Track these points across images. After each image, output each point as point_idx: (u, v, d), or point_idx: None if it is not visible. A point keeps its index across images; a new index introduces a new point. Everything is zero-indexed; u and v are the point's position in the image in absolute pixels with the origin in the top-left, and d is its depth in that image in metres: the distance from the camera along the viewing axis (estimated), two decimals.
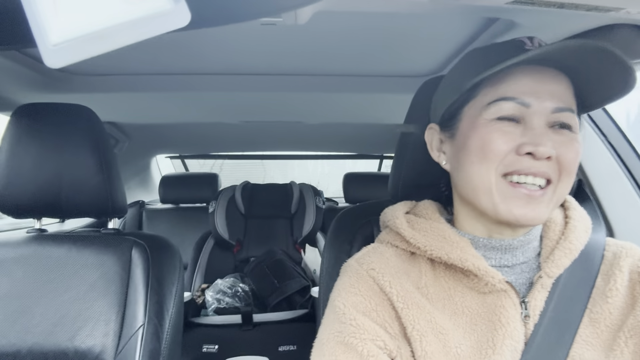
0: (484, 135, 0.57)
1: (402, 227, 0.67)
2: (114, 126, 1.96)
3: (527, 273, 0.63)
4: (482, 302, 0.60)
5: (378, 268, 0.63)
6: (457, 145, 0.62)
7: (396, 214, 0.70)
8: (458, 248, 0.61)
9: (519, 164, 0.55)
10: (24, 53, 1.12)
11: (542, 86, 0.56)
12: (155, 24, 0.24)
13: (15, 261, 1.01)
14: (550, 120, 0.57)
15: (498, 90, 0.58)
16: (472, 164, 0.58)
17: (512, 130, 0.56)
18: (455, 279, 0.62)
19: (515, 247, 0.62)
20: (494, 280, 0.59)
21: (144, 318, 0.96)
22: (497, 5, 0.67)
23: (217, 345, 1.74)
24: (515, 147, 0.56)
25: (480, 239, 0.63)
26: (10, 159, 0.98)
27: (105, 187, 1.02)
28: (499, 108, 0.57)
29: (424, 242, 0.63)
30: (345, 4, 0.71)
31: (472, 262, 0.59)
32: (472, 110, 0.61)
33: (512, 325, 0.58)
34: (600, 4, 0.62)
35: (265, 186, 2.54)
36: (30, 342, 0.95)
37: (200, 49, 1.15)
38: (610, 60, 0.53)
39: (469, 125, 0.60)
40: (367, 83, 1.38)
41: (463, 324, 0.59)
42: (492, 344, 0.57)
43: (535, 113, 0.56)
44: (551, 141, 0.55)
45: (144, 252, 1.02)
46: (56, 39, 0.22)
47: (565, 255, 0.61)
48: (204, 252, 2.22)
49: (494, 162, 0.56)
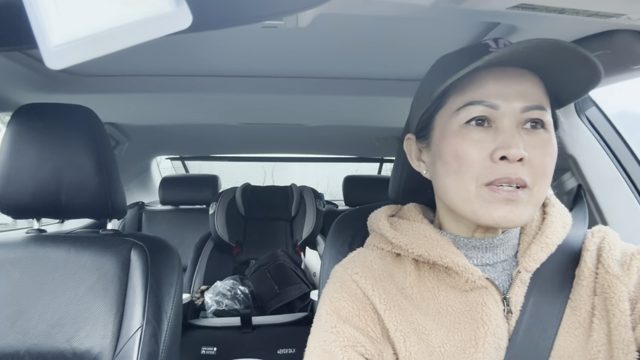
0: (456, 146, 0.57)
1: (384, 229, 0.68)
2: (114, 127, 1.96)
3: (507, 270, 0.63)
4: (465, 301, 0.60)
5: (361, 272, 0.64)
6: (433, 155, 0.63)
7: (379, 216, 0.71)
8: (438, 246, 0.62)
9: (496, 173, 0.55)
10: (26, 54, 1.13)
11: (508, 87, 0.56)
12: (157, 26, 0.24)
13: (13, 262, 1.01)
14: (520, 120, 0.56)
15: (466, 95, 0.58)
16: (448, 174, 0.59)
17: (483, 137, 0.56)
18: (439, 278, 0.63)
19: (496, 246, 0.63)
20: (473, 277, 0.59)
21: (143, 320, 0.96)
22: (498, 10, 0.67)
23: (215, 347, 1.74)
24: (488, 154, 0.55)
25: (461, 238, 0.64)
26: (11, 159, 0.98)
27: (105, 188, 1.02)
28: (468, 112, 0.57)
29: (405, 241, 0.64)
30: (346, 7, 0.71)
31: (451, 258, 0.60)
32: (442, 118, 0.61)
33: (495, 323, 0.58)
34: (601, 9, 0.62)
35: (266, 188, 2.54)
36: (29, 343, 0.95)
37: (202, 51, 1.15)
38: (571, 55, 0.52)
39: (441, 134, 0.61)
40: (368, 86, 1.38)
41: (447, 323, 0.60)
42: (475, 342, 0.57)
43: (504, 115, 0.56)
44: (523, 143, 0.55)
45: (143, 253, 1.02)
46: (57, 41, 0.22)
47: (541, 249, 0.61)
48: (203, 254, 2.21)
49: (470, 172, 0.56)
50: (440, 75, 0.61)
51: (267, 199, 2.46)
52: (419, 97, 0.67)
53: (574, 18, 0.66)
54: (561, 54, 0.53)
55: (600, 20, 0.66)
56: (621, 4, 0.61)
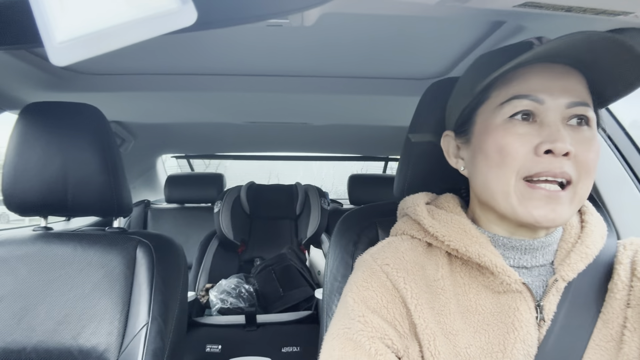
0: (500, 139, 0.56)
1: (422, 215, 0.65)
2: (120, 125, 1.97)
3: (543, 276, 0.61)
4: (496, 302, 0.59)
5: (392, 264, 0.62)
6: (473, 150, 0.62)
7: (417, 202, 0.68)
8: (477, 243, 0.60)
9: (539, 166, 0.54)
10: (32, 52, 1.13)
11: (554, 82, 0.56)
12: (162, 22, 0.24)
13: (20, 259, 1.02)
14: (565, 116, 0.56)
15: (510, 89, 0.57)
16: (489, 168, 0.58)
17: (527, 131, 0.55)
18: (471, 275, 0.61)
19: (536, 249, 0.61)
20: (509, 279, 0.57)
21: (148, 317, 0.96)
22: (504, 9, 0.67)
23: (220, 345, 1.75)
24: (532, 148, 0.55)
25: (500, 237, 0.62)
26: (18, 157, 0.99)
27: (110, 186, 1.02)
28: (513, 106, 0.56)
29: (443, 232, 0.62)
30: (351, 6, 0.71)
31: (489, 258, 0.58)
32: (485, 112, 0.60)
33: (526, 329, 0.57)
34: (608, 7, 0.61)
35: (271, 187, 2.54)
36: (35, 340, 0.96)
37: (207, 50, 1.15)
38: (620, 49, 0.51)
39: (483, 128, 0.60)
40: (373, 85, 1.38)
41: (474, 323, 0.58)
42: (503, 347, 0.56)
43: (549, 109, 0.55)
44: (569, 137, 0.54)
45: (148, 251, 1.02)
46: (62, 37, 0.22)
47: (581, 259, 0.59)
48: (208, 252, 2.22)
49: (512, 166, 0.55)
50: (482, 71, 0.60)
51: (271, 197, 2.47)
52: (458, 94, 0.67)
53: (580, 16, 0.65)
54: (612, 49, 0.52)
55: (608, 18, 0.65)
56: (628, 2, 0.60)
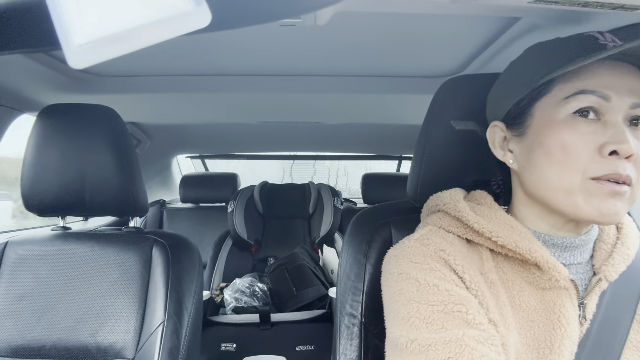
0: (564, 137, 0.55)
1: (465, 212, 0.63)
2: (136, 126, 2.00)
3: (580, 274, 0.61)
4: (541, 299, 0.58)
5: (448, 250, 0.59)
6: (529, 144, 0.60)
7: (456, 198, 0.66)
8: (526, 239, 0.58)
9: (606, 168, 0.53)
10: (50, 55, 1.15)
11: (621, 80, 0.54)
12: (177, 24, 0.24)
13: (40, 258, 1.04)
14: (628, 116, 0.55)
15: (575, 84, 0.55)
16: (551, 165, 0.56)
17: (592, 129, 0.54)
18: (514, 271, 0.60)
19: (576, 247, 0.60)
20: (559, 275, 0.56)
21: (164, 315, 0.98)
22: (518, 5, 0.66)
23: (235, 344, 1.76)
24: (597, 148, 0.53)
25: (540, 234, 0.61)
26: (36, 159, 1.01)
27: (127, 186, 1.04)
28: (579, 101, 0.55)
29: (490, 228, 0.60)
30: (364, 4, 0.70)
31: (540, 253, 0.57)
32: (545, 106, 0.58)
33: (572, 326, 0.56)
34: (626, 2, 0.60)
35: (284, 186, 2.55)
36: (54, 337, 0.98)
37: (221, 51, 1.16)
38: None
39: (544, 122, 0.58)
40: (387, 83, 1.37)
41: (519, 319, 0.57)
42: (550, 344, 0.55)
43: (614, 108, 0.54)
44: (633, 138, 0.53)
45: (164, 250, 1.04)
46: (80, 40, 0.23)
47: (623, 260, 0.59)
48: (222, 251, 2.23)
49: (577, 165, 0.54)
50: (541, 62, 0.58)
51: (284, 196, 2.47)
52: (511, 84, 0.63)
53: (597, 12, 0.64)
54: None
55: (626, 13, 0.64)
56: None
